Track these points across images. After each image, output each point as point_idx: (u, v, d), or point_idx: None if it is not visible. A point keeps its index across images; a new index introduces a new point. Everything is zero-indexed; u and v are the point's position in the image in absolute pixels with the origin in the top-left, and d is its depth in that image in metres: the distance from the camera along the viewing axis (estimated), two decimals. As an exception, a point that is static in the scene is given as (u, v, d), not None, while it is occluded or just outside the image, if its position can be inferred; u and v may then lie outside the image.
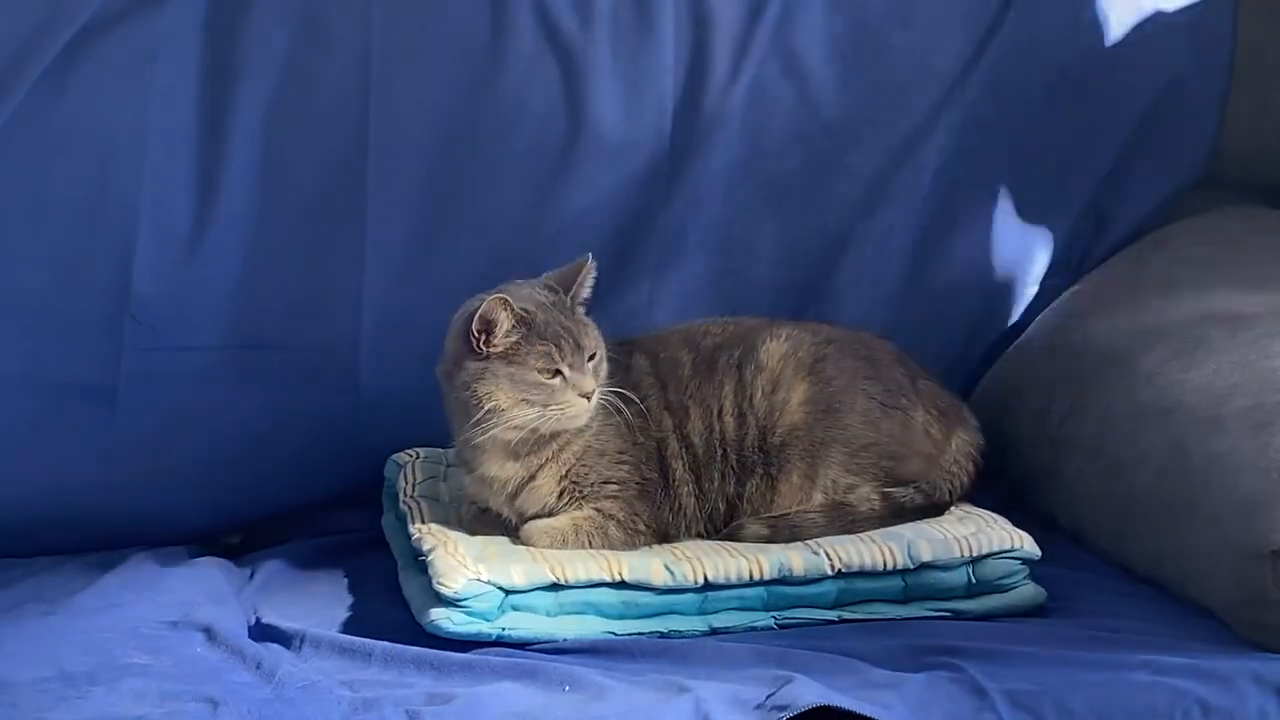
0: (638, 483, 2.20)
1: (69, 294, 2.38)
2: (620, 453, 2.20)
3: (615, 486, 2.19)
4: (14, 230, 2.37)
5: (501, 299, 2.11)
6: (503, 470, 2.19)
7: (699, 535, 2.23)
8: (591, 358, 2.16)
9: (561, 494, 2.20)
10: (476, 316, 2.12)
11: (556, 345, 2.13)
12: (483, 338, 2.13)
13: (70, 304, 2.38)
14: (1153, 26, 2.73)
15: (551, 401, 2.13)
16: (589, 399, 2.15)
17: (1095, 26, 2.73)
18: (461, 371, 2.15)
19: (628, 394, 2.19)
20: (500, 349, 2.13)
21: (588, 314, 2.22)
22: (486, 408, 2.13)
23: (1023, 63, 2.70)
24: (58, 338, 2.38)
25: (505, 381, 2.13)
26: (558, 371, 2.13)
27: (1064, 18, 2.72)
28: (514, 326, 2.13)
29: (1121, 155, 2.75)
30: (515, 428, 2.14)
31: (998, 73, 2.69)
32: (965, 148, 2.69)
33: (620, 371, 2.23)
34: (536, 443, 2.17)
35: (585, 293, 2.22)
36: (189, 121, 2.43)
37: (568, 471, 2.19)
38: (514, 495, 2.20)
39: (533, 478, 2.19)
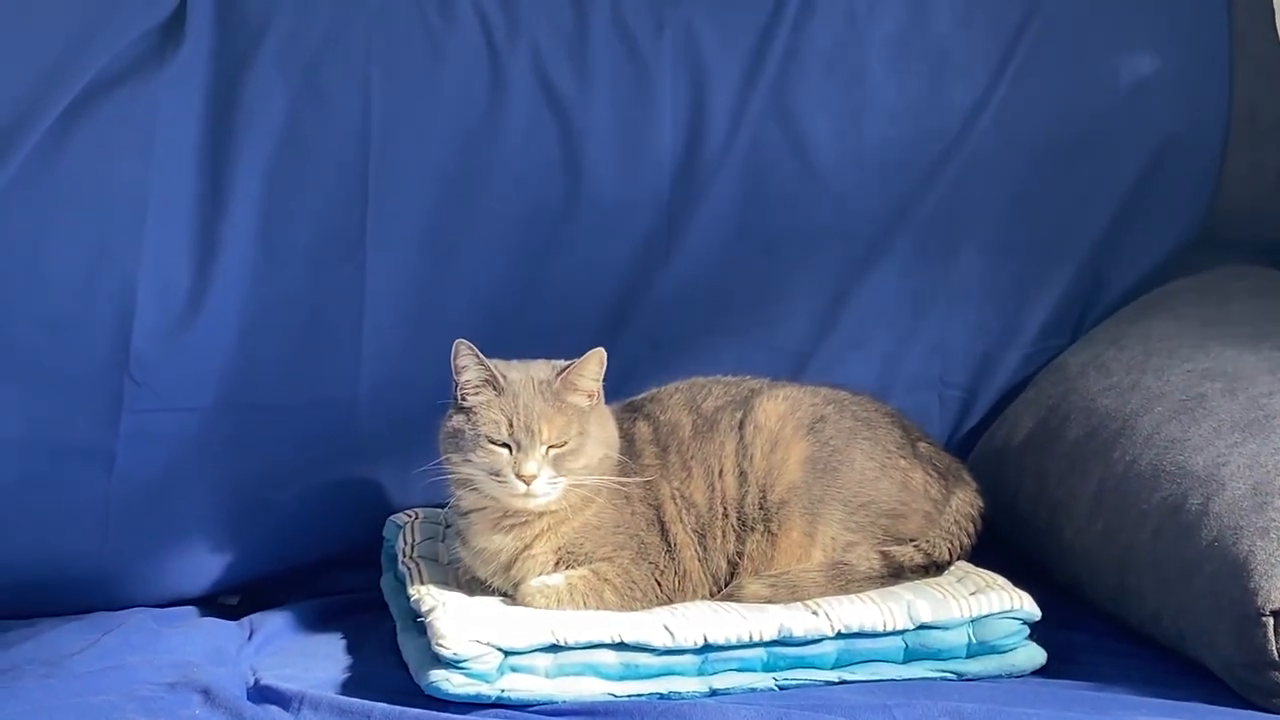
0: (636, 548, 2.19)
1: (68, 355, 2.38)
2: (617, 525, 2.20)
3: (610, 549, 2.19)
4: (13, 291, 2.37)
5: (464, 340, 2.15)
6: (491, 543, 2.19)
7: (705, 599, 2.22)
8: (559, 446, 2.16)
9: (558, 563, 2.19)
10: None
11: (509, 421, 2.15)
12: (458, 380, 2.17)
13: (69, 365, 2.38)
14: (1149, 87, 2.74)
15: (493, 470, 2.15)
16: (527, 484, 2.14)
17: (1092, 86, 2.74)
18: (445, 414, 2.20)
19: (621, 482, 2.20)
20: (469, 404, 2.16)
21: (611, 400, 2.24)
22: (445, 454, 2.18)
23: (1020, 122, 2.71)
24: (57, 398, 2.37)
25: (460, 435, 2.16)
26: (506, 444, 2.15)
27: (1061, 77, 2.73)
28: (482, 383, 2.16)
29: (1118, 215, 2.75)
30: (462, 482, 2.17)
31: (994, 132, 2.70)
32: (962, 207, 2.70)
33: (623, 439, 2.24)
34: (524, 521, 2.18)
35: (582, 382, 2.19)
36: (189, 183, 2.43)
37: (565, 544, 2.19)
38: (508, 566, 2.20)
39: (528, 548, 2.19)
